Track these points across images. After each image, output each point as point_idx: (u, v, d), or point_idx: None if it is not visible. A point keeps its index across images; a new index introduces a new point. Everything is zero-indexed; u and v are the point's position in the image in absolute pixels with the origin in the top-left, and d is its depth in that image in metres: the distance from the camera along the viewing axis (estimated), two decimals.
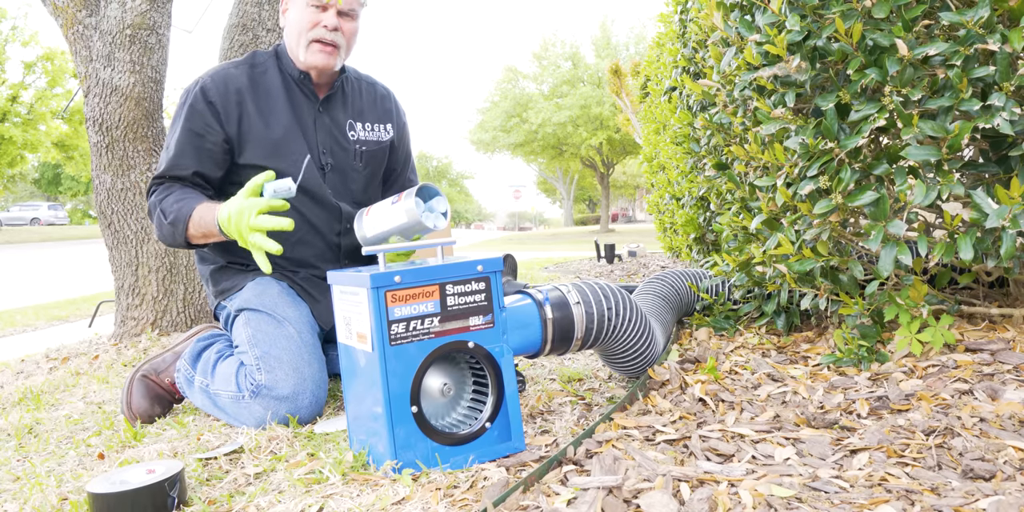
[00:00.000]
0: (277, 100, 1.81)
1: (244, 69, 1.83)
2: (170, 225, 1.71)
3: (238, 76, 1.80)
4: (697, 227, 3.36)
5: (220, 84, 1.78)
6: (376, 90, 2.01)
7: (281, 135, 1.79)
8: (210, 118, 1.76)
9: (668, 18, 3.33)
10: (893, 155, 1.54)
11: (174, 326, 2.92)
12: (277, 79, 1.84)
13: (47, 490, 1.26)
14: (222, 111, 1.76)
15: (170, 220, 1.70)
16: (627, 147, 25.58)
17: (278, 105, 1.81)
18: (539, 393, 1.69)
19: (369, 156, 1.92)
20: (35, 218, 30.95)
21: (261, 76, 1.83)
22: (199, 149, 1.76)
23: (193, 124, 1.76)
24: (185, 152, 1.76)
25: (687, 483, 1.06)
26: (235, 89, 1.78)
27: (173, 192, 1.75)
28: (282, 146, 1.79)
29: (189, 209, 1.69)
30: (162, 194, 1.76)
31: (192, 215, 1.68)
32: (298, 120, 1.82)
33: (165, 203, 1.73)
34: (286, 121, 1.80)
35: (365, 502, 1.11)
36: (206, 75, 1.81)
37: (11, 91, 22.00)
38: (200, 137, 1.76)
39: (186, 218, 1.68)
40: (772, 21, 1.65)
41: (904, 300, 1.60)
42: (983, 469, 1.06)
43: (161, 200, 1.75)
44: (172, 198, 1.73)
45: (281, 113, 1.81)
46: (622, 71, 12.28)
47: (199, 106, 1.76)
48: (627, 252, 6.61)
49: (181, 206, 1.70)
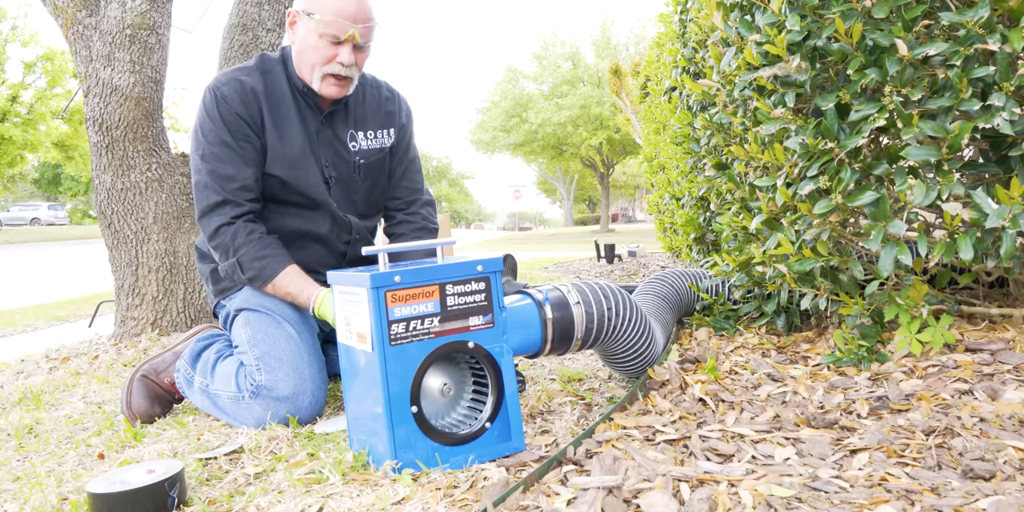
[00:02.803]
0: (289, 111, 1.77)
1: (257, 77, 1.76)
2: (248, 280, 1.71)
3: (253, 84, 1.74)
4: (697, 227, 3.36)
5: (239, 93, 1.72)
6: (380, 93, 1.93)
7: (297, 148, 1.76)
8: (245, 127, 1.72)
9: (668, 18, 3.33)
10: (893, 155, 1.54)
11: (174, 326, 2.92)
12: (286, 88, 1.78)
13: (47, 490, 1.26)
14: (249, 121, 1.72)
15: (248, 276, 1.70)
16: (627, 147, 25.57)
17: (290, 116, 1.77)
18: (539, 393, 1.69)
19: (368, 169, 1.88)
20: (35, 218, 30.95)
21: (272, 84, 1.77)
22: (246, 160, 1.71)
23: (233, 134, 1.70)
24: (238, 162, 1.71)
25: (687, 483, 1.06)
26: (254, 98, 1.73)
27: (252, 241, 1.70)
28: (300, 159, 1.76)
29: (273, 272, 1.69)
30: (236, 239, 1.70)
31: (275, 279, 1.69)
32: (306, 132, 1.79)
33: (243, 256, 1.70)
34: (298, 133, 1.77)
35: (365, 502, 1.11)
36: (220, 84, 1.73)
37: (11, 91, 22.00)
38: (243, 147, 1.71)
39: (268, 280, 1.69)
40: (772, 21, 1.65)
41: (904, 300, 1.60)
42: (983, 469, 1.06)
43: (237, 248, 1.70)
44: (251, 250, 1.69)
45: (293, 124, 1.77)
46: (622, 71, 12.29)
47: (230, 117, 1.71)
48: (627, 252, 6.61)
49: (264, 266, 1.69)
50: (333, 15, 1.63)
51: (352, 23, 1.64)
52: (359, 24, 1.65)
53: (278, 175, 1.75)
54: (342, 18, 1.63)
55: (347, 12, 1.63)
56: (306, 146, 1.77)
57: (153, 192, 2.92)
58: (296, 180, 1.76)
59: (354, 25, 1.64)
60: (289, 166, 1.75)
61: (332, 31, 1.64)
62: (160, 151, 2.97)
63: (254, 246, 1.70)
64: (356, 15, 1.64)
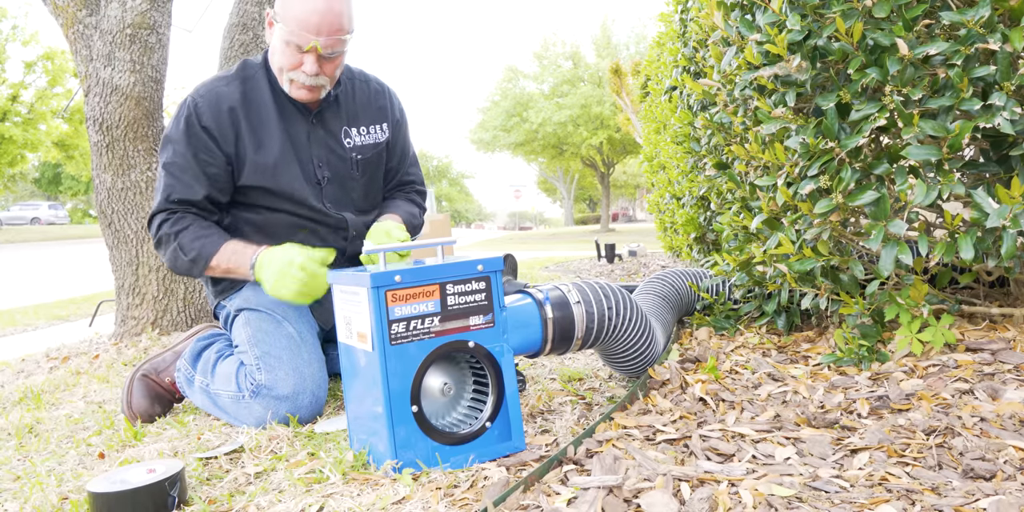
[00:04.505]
0: (269, 116, 1.75)
1: (236, 85, 1.75)
2: (190, 262, 1.69)
3: (230, 94, 1.73)
4: (697, 227, 3.36)
5: (213, 105, 1.71)
6: (370, 87, 1.92)
7: (276, 156, 1.74)
8: (208, 142, 1.71)
9: (669, 17, 3.33)
10: (894, 155, 1.54)
11: (174, 326, 2.92)
12: (267, 93, 1.76)
13: (47, 489, 1.26)
14: (218, 135, 1.71)
15: (190, 257, 1.69)
16: (627, 147, 25.57)
17: (270, 122, 1.75)
18: (539, 392, 1.69)
19: (365, 164, 1.87)
20: (35, 217, 30.95)
21: (252, 91, 1.76)
22: (204, 173, 1.71)
23: (194, 148, 1.71)
24: (191, 177, 1.71)
25: (687, 483, 1.06)
26: (228, 108, 1.72)
27: (189, 227, 1.71)
28: (279, 166, 1.74)
29: (212, 248, 1.68)
30: (175, 226, 1.71)
31: (216, 255, 1.68)
32: (291, 137, 1.77)
33: (183, 239, 1.69)
34: (279, 140, 1.75)
35: (365, 502, 1.11)
36: (197, 95, 1.73)
37: (11, 90, 22.00)
38: (203, 161, 1.71)
39: (209, 257, 1.68)
40: (773, 20, 1.64)
41: (905, 300, 1.60)
42: (983, 469, 1.06)
43: (177, 234, 1.70)
44: (189, 234, 1.69)
45: (273, 131, 1.75)
46: (622, 70, 12.29)
47: (195, 130, 1.70)
48: (627, 252, 6.61)
49: (202, 246, 1.68)
50: (296, 26, 1.61)
51: (316, 35, 1.61)
52: (323, 36, 1.62)
53: (258, 185, 1.74)
54: (304, 30, 1.61)
55: (310, 24, 1.60)
56: (287, 151, 1.76)
57: (153, 191, 2.92)
58: (278, 187, 1.75)
59: (317, 37, 1.61)
60: (268, 175, 1.74)
61: (296, 40, 1.63)
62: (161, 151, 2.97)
63: (193, 229, 1.70)
64: (320, 27, 1.61)
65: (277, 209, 1.79)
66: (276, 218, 1.80)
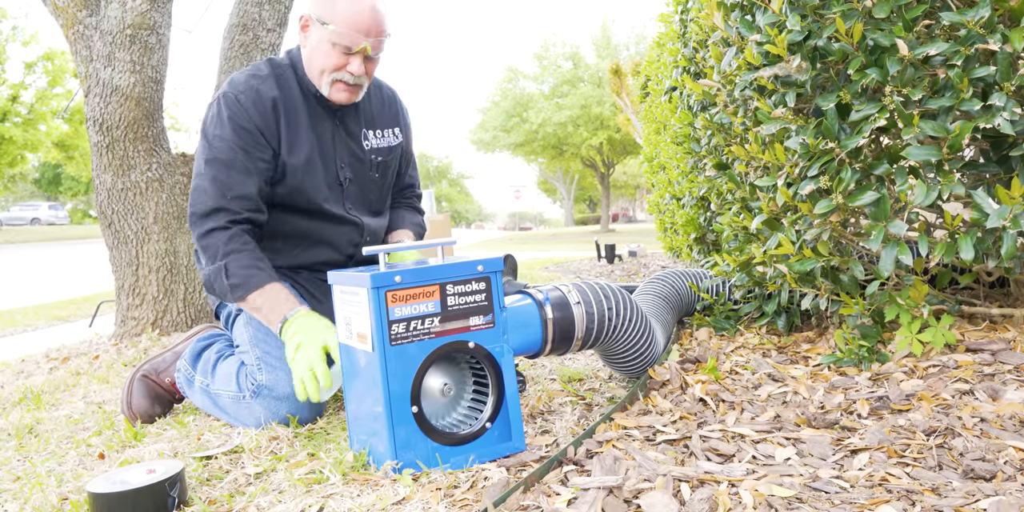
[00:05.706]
0: (301, 116, 1.75)
1: (272, 83, 1.73)
2: (228, 286, 1.63)
3: (268, 91, 1.72)
4: (697, 227, 3.36)
5: (256, 102, 1.69)
6: (383, 92, 1.93)
7: (303, 157, 1.74)
8: (258, 136, 1.68)
9: (668, 18, 3.33)
10: (894, 155, 1.54)
11: (174, 326, 2.92)
12: (297, 92, 1.76)
13: (47, 490, 1.26)
14: (264, 130, 1.70)
15: (231, 283, 1.62)
16: (627, 147, 25.57)
17: (302, 122, 1.75)
18: (539, 393, 1.69)
19: (383, 166, 1.88)
20: (35, 218, 30.95)
21: (286, 90, 1.75)
22: (255, 168, 1.68)
23: (243, 142, 1.67)
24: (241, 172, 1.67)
25: (687, 483, 1.06)
26: (271, 105, 1.71)
27: (243, 252, 1.64)
28: (307, 168, 1.74)
29: (258, 284, 1.62)
30: (230, 244, 1.64)
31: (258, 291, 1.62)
32: (319, 137, 1.77)
33: (231, 262, 1.63)
34: (308, 141, 1.75)
35: (365, 502, 1.11)
36: (236, 91, 1.70)
37: (11, 91, 22.00)
38: (252, 156, 1.68)
39: (250, 291, 1.62)
40: (773, 21, 1.64)
41: (905, 300, 1.60)
42: (984, 469, 1.06)
43: (227, 254, 1.64)
44: (240, 260, 1.63)
45: (304, 131, 1.75)
46: (622, 71, 12.29)
47: (242, 123, 1.68)
48: (627, 252, 6.61)
49: (249, 276, 1.62)
50: (347, 28, 1.61)
51: (365, 36, 1.63)
52: (371, 37, 1.64)
53: (287, 184, 1.74)
54: (356, 31, 1.61)
55: (361, 25, 1.61)
56: (314, 153, 1.76)
57: (153, 192, 2.92)
58: (304, 187, 1.75)
59: (367, 38, 1.63)
60: (297, 176, 1.74)
61: (345, 42, 1.63)
62: (160, 151, 2.97)
63: (247, 256, 1.65)
64: (370, 28, 1.63)
65: (293, 207, 1.78)
66: (292, 215, 1.80)
